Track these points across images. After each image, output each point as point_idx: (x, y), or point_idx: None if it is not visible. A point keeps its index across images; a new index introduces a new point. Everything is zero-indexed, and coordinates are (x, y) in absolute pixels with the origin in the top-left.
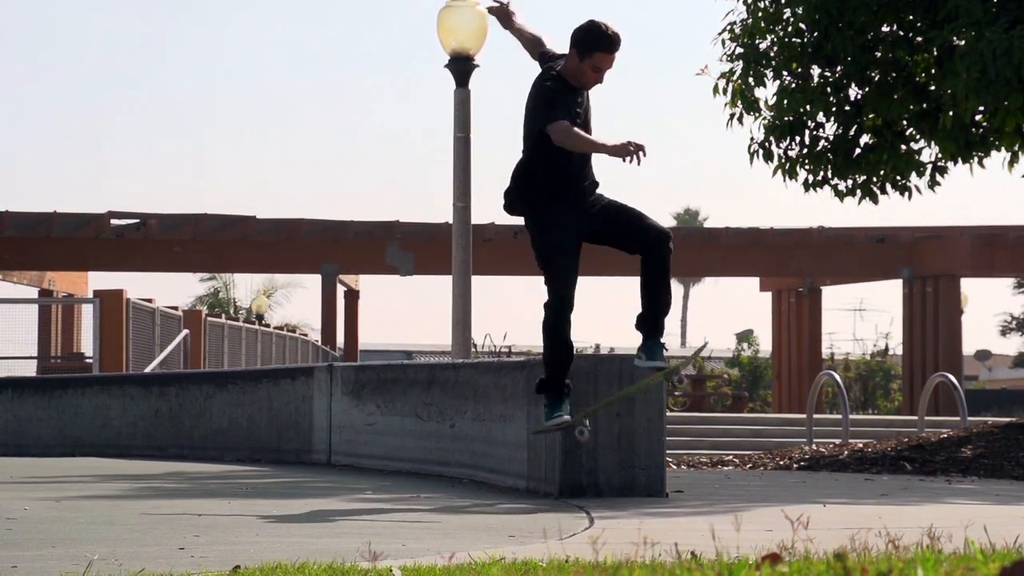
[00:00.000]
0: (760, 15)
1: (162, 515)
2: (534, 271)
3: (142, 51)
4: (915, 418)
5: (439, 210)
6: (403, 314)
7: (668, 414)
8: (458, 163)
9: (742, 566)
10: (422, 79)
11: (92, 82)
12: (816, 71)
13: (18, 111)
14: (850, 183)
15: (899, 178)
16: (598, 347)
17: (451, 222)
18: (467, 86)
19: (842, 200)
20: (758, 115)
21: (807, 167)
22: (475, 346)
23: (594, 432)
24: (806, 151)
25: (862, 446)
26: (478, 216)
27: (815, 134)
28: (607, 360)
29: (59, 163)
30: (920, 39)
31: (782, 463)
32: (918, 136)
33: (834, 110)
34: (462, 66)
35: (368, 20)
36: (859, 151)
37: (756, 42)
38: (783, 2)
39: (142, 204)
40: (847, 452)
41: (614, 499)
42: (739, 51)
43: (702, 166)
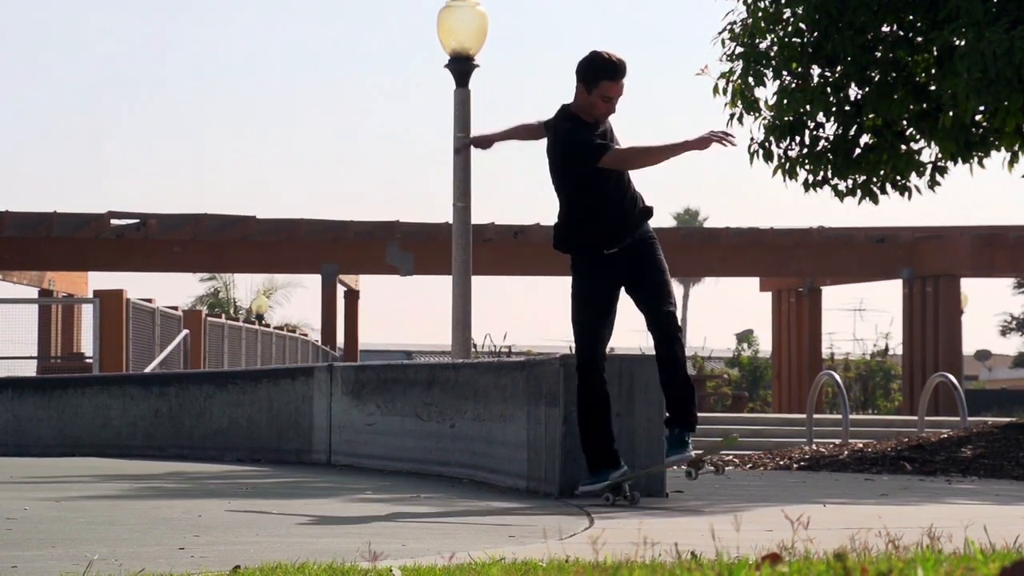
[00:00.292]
0: (760, 15)
1: (162, 515)
2: (534, 271)
3: (142, 51)
4: (915, 418)
5: (439, 210)
6: (403, 314)
7: None
8: (458, 163)
9: (742, 566)
10: (422, 79)
11: (92, 82)
12: (816, 71)
13: (18, 111)
14: (850, 183)
15: (899, 178)
16: None
17: (451, 222)
18: (467, 86)
19: (842, 200)
20: (758, 115)
21: (807, 167)
22: (475, 346)
23: None
24: (806, 151)
25: (862, 446)
26: (478, 216)
27: (815, 134)
28: (607, 360)
29: (59, 163)
30: (920, 39)
31: (782, 463)
32: (918, 136)
33: (834, 110)
34: (462, 66)
35: (368, 20)
36: (859, 151)
37: (756, 42)
38: (783, 2)
39: (142, 204)
40: (847, 452)
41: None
42: (739, 51)
43: (702, 166)
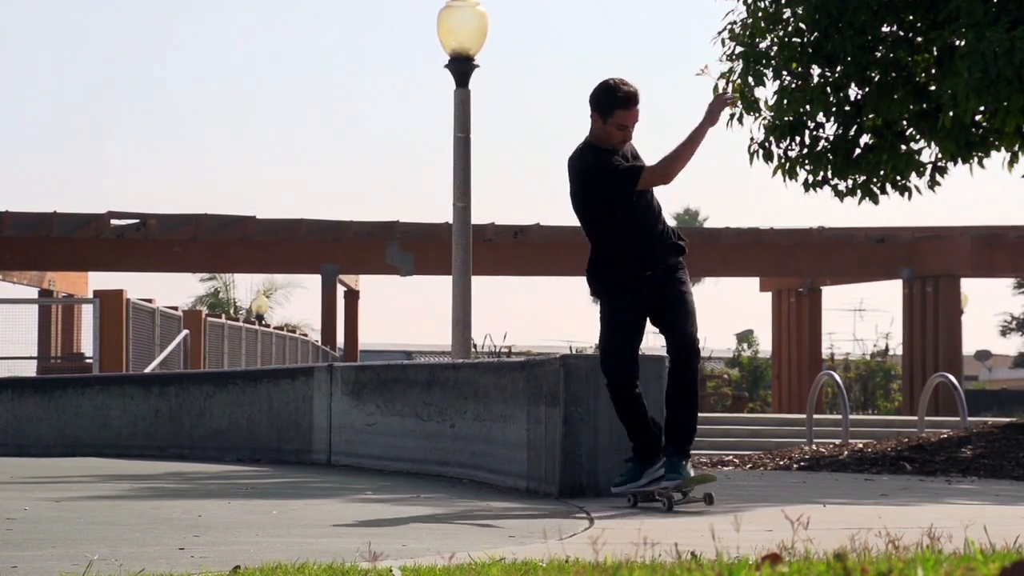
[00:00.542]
0: (760, 15)
1: (162, 515)
2: (534, 271)
3: (142, 51)
4: (915, 418)
5: (439, 210)
6: (403, 314)
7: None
8: (458, 163)
9: (742, 566)
10: (422, 79)
11: (92, 82)
12: (816, 71)
13: (18, 111)
14: (850, 183)
15: (899, 178)
16: (598, 347)
17: (451, 222)
18: (467, 86)
19: (842, 200)
20: (758, 115)
21: (807, 167)
22: (475, 346)
23: (594, 432)
24: (806, 151)
25: (862, 446)
26: (478, 216)
27: (815, 134)
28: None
29: (59, 163)
30: (920, 39)
31: (782, 463)
32: (918, 136)
33: (834, 110)
34: (462, 66)
35: (368, 20)
36: (859, 151)
37: (756, 42)
38: (783, 2)
39: (142, 204)
40: (847, 452)
41: (614, 499)
42: (739, 51)
43: (702, 166)
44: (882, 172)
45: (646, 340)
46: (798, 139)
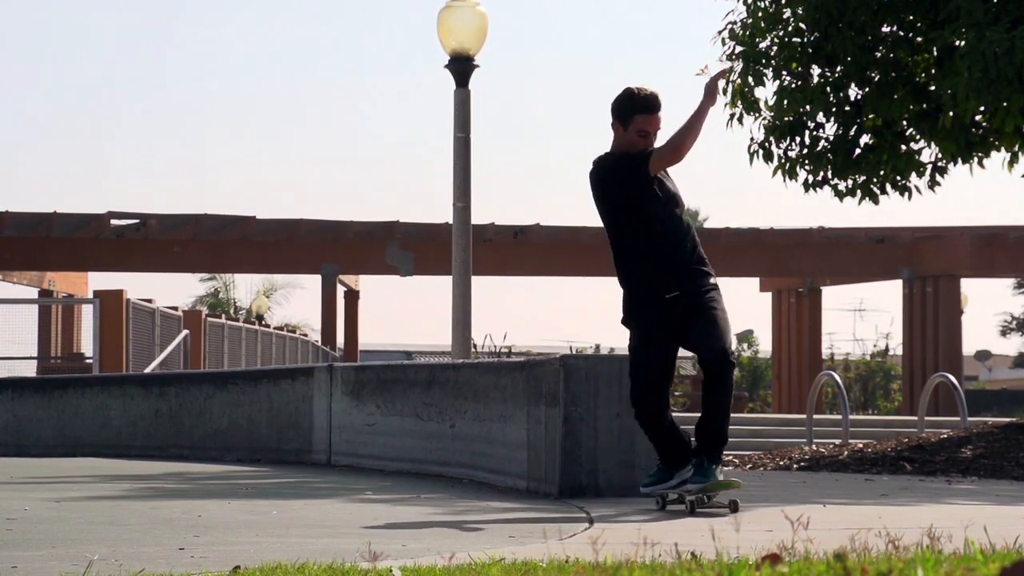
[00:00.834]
0: (760, 15)
1: (162, 515)
2: (534, 271)
3: (142, 51)
4: (915, 418)
5: (439, 210)
6: (403, 314)
7: None
8: (458, 163)
9: (742, 566)
10: (422, 79)
11: (92, 82)
12: (816, 71)
13: (18, 111)
14: (850, 183)
15: (899, 178)
16: (598, 347)
17: (451, 222)
18: (467, 86)
19: (842, 200)
20: (758, 115)
21: (807, 167)
22: (475, 346)
23: (594, 432)
24: (806, 151)
25: (862, 446)
26: (478, 216)
27: (815, 134)
28: (607, 360)
29: (59, 163)
30: (920, 39)
31: (782, 463)
32: (918, 136)
33: (834, 110)
34: (462, 66)
35: (368, 20)
36: (859, 151)
37: (756, 42)
38: (783, 2)
39: (142, 204)
40: (847, 452)
41: (614, 499)
42: (739, 50)
43: (702, 166)
44: (882, 172)
45: None
46: (798, 139)
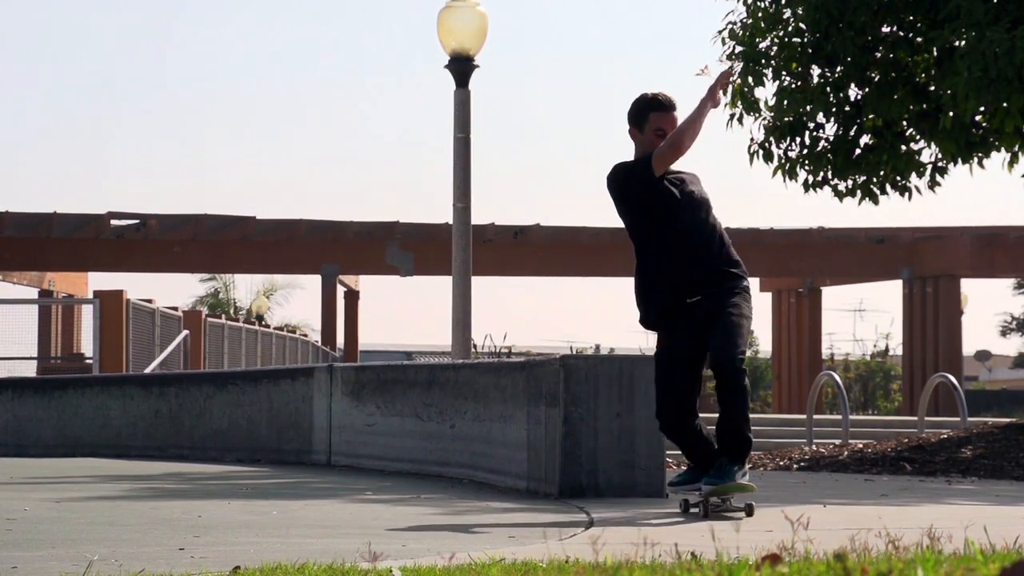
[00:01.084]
0: (760, 15)
1: (162, 516)
2: (534, 271)
3: (142, 51)
4: (915, 418)
5: (439, 210)
6: (403, 314)
7: None
8: (458, 163)
9: (742, 567)
10: (422, 79)
11: (92, 82)
12: (816, 71)
13: (18, 111)
14: (850, 183)
15: (899, 178)
16: (598, 347)
17: (451, 222)
18: (467, 87)
19: (842, 200)
20: (758, 115)
21: (807, 167)
22: (475, 347)
23: (594, 432)
24: (806, 151)
25: (862, 447)
26: (478, 216)
27: (815, 135)
28: (607, 360)
29: (59, 163)
30: (920, 39)
31: (782, 463)
32: (918, 136)
33: (834, 110)
34: (462, 67)
35: (368, 20)
36: (859, 151)
37: (756, 42)
38: (783, 2)
39: (142, 204)
40: (847, 453)
41: (614, 500)
42: (739, 51)
43: (702, 166)
44: (882, 172)
45: (645, 339)
46: (798, 139)
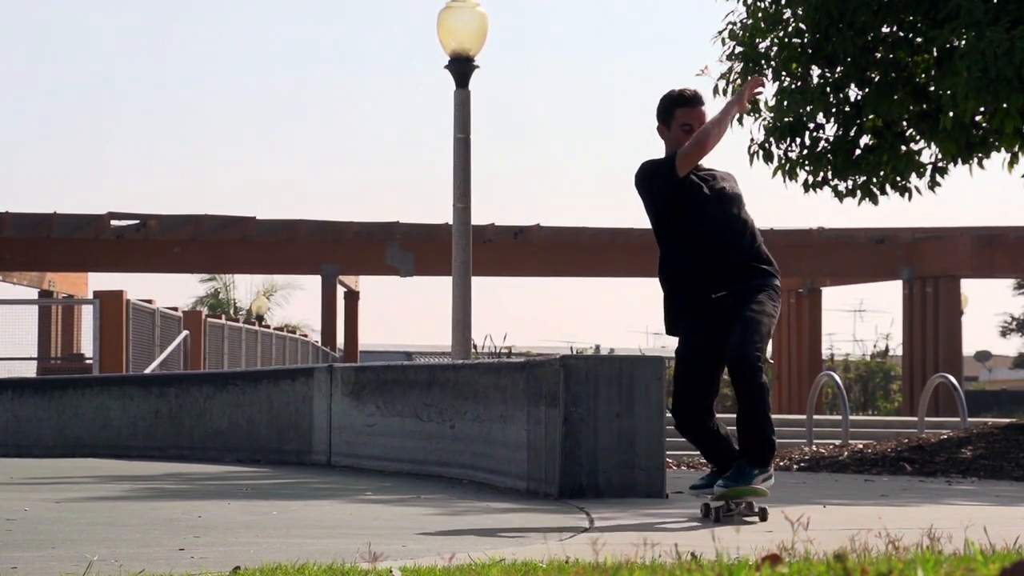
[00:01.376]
0: (760, 15)
1: (162, 516)
2: (534, 271)
3: (142, 51)
4: (915, 419)
5: (439, 211)
6: (403, 315)
7: (668, 415)
8: (458, 164)
9: (742, 567)
10: (422, 80)
11: (92, 82)
12: (816, 72)
13: (18, 111)
14: (850, 184)
15: (899, 179)
16: (598, 347)
17: (451, 223)
18: (467, 87)
19: (842, 201)
20: (758, 116)
21: (807, 168)
22: (475, 347)
23: (594, 432)
24: (806, 152)
25: (862, 447)
26: (478, 217)
27: (815, 135)
28: (607, 360)
29: (59, 163)
30: (920, 39)
31: (782, 464)
32: (918, 137)
33: (834, 111)
34: (462, 67)
35: (368, 20)
36: (859, 152)
37: (756, 42)
38: (783, 2)
39: (142, 204)
40: (847, 453)
41: (614, 500)
42: (739, 51)
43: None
44: (882, 173)
45: (645, 339)
46: (798, 140)
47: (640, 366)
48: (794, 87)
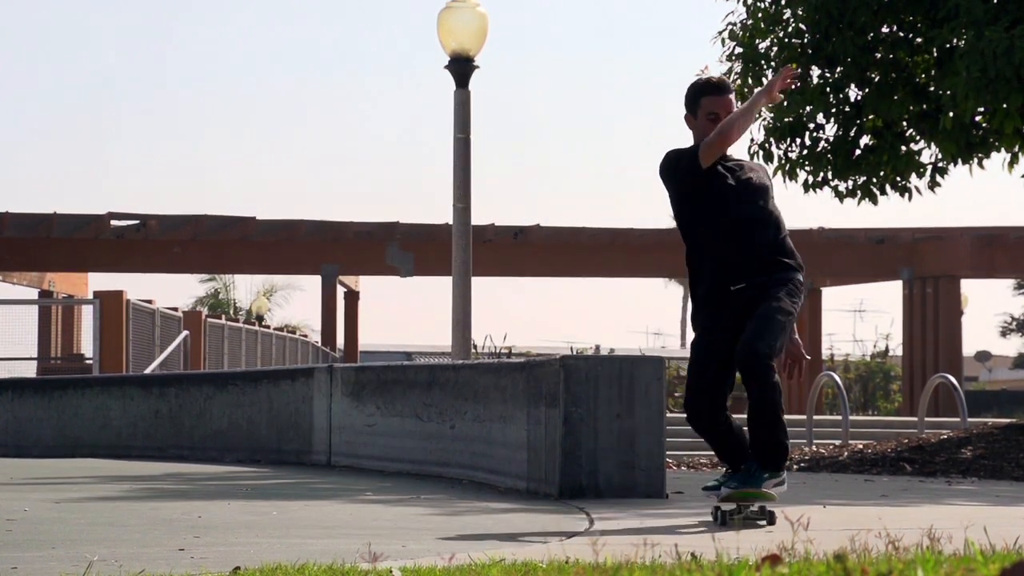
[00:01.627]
0: (760, 16)
1: (162, 516)
2: (534, 272)
3: (142, 51)
4: (915, 419)
5: (439, 211)
6: (403, 315)
7: (668, 415)
8: (458, 164)
9: (742, 567)
10: (422, 80)
11: (92, 82)
12: (816, 72)
13: (18, 111)
14: (850, 184)
15: (899, 179)
16: (598, 348)
17: (451, 223)
18: (467, 87)
19: (842, 201)
20: (758, 116)
21: (807, 168)
22: (475, 347)
23: (594, 432)
24: (806, 152)
25: (862, 447)
26: (478, 217)
27: (815, 135)
28: (607, 361)
29: (59, 163)
30: (920, 39)
31: None
32: (918, 137)
33: (834, 111)
34: (462, 67)
35: (368, 20)
36: (859, 152)
37: (756, 43)
38: (783, 3)
39: (142, 204)
40: (847, 453)
41: (614, 500)
42: (739, 51)
43: None
44: (882, 173)
45: (645, 339)
46: (798, 140)
47: (640, 366)
48: (794, 87)
